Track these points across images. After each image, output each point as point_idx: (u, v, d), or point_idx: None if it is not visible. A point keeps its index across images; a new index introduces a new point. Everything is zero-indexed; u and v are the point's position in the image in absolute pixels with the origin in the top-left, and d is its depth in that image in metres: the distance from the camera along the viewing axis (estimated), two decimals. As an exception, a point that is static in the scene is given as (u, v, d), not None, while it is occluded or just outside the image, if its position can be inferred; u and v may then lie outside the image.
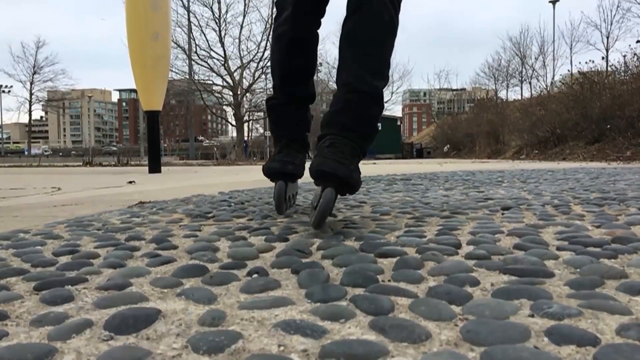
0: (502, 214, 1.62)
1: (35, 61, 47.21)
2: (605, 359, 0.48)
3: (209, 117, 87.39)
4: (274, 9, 1.79)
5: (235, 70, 29.93)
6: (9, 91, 55.01)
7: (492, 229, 1.26)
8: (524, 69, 37.99)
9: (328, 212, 1.24)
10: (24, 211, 2.10)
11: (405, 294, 0.70)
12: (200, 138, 64.12)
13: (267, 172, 1.68)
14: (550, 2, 32.93)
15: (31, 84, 46.68)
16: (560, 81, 19.59)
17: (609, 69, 16.74)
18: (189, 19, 27.96)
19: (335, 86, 1.57)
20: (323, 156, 1.28)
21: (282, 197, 1.59)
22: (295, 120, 1.77)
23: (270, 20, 26.81)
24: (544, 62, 35.94)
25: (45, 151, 60.69)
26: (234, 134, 33.71)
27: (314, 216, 1.26)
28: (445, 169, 6.20)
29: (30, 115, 48.92)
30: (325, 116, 1.44)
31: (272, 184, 1.69)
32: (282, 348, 0.53)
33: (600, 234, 1.19)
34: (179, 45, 28.02)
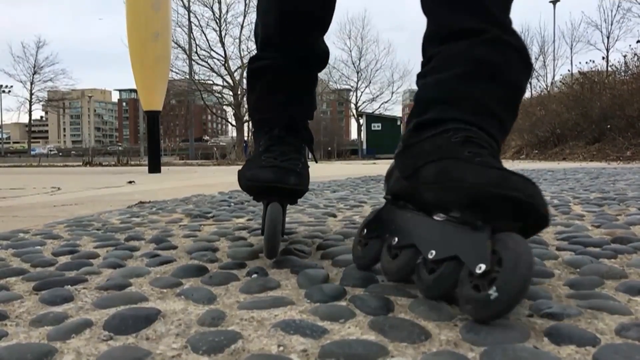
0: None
1: (35, 61, 47.24)
2: (604, 359, 0.48)
3: (209, 117, 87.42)
4: None
5: (236, 70, 29.94)
6: (9, 91, 55.04)
7: (492, 229, 1.26)
8: (524, 69, 37.89)
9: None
10: (23, 211, 2.10)
11: (405, 294, 0.70)
12: (206, 138, 64.13)
13: (251, 186, 0.96)
14: (550, 2, 32.94)
15: (31, 84, 46.70)
16: (560, 81, 19.59)
17: (609, 69, 16.75)
18: (189, 19, 27.98)
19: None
20: (474, 162, 0.65)
21: (279, 233, 0.92)
22: (298, 95, 1.10)
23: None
24: (544, 62, 35.94)
25: (51, 150, 61.02)
26: (234, 134, 33.73)
27: (495, 304, 0.55)
28: (445, 169, 6.18)
29: (30, 115, 48.94)
30: (433, 85, 0.79)
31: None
32: (281, 348, 0.53)
33: (600, 234, 1.19)
34: (179, 45, 28.06)
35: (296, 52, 1.07)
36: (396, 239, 0.75)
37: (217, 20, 29.83)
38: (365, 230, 0.86)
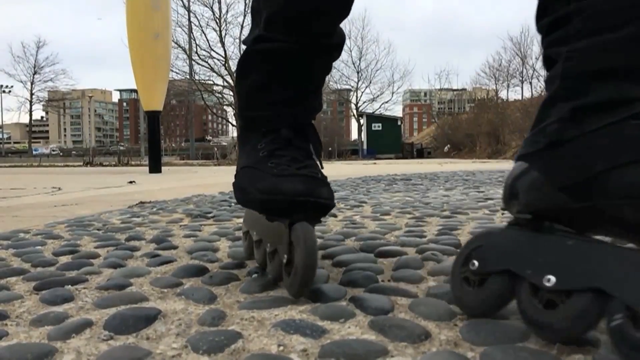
0: (502, 213, 1.62)
1: (35, 61, 47.20)
2: (604, 359, 0.48)
3: (210, 117, 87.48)
4: None
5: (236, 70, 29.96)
6: (9, 91, 55.05)
7: (492, 229, 1.26)
8: (524, 69, 37.96)
9: None
10: (24, 211, 2.10)
11: (405, 294, 0.70)
12: (209, 138, 64.14)
13: (271, 200, 0.74)
14: (550, 1, 32.87)
15: (32, 84, 46.67)
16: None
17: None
18: (189, 19, 27.97)
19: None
20: None
21: (316, 265, 0.69)
22: (309, 87, 0.89)
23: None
24: (545, 62, 35.85)
25: (53, 150, 60.99)
26: (235, 134, 33.75)
27: None
28: (446, 169, 6.20)
29: (30, 115, 48.90)
30: (594, 50, 0.53)
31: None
32: (281, 348, 0.53)
33: (601, 234, 1.19)
34: (179, 45, 28.03)
35: (314, 36, 0.83)
36: (552, 279, 0.51)
37: (217, 20, 29.81)
38: (476, 263, 0.60)
